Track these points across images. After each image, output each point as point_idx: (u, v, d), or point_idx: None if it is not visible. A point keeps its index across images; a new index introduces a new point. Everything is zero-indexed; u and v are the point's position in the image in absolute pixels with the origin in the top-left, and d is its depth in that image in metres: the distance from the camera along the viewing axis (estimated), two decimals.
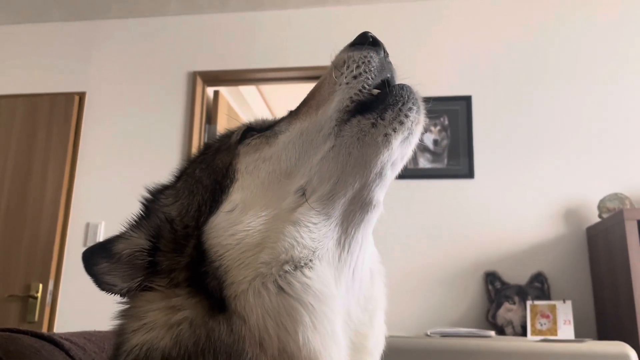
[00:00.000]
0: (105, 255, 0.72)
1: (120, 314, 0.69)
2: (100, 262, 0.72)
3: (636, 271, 2.62)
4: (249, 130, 0.78)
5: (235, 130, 0.81)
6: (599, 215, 3.05)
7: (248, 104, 4.93)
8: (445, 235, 3.29)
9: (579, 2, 3.59)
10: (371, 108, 0.66)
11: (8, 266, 3.59)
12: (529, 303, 2.81)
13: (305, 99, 0.76)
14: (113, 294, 0.71)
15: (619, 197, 3.01)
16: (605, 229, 2.95)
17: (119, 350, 0.65)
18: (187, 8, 3.91)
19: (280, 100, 5.41)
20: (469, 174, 3.38)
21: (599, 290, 3.04)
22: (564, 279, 3.15)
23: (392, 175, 0.68)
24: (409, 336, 2.63)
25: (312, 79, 3.81)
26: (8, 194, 3.74)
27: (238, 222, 0.66)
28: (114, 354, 0.66)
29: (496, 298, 3.13)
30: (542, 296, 3.06)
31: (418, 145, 0.70)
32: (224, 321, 0.60)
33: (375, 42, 0.72)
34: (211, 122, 3.89)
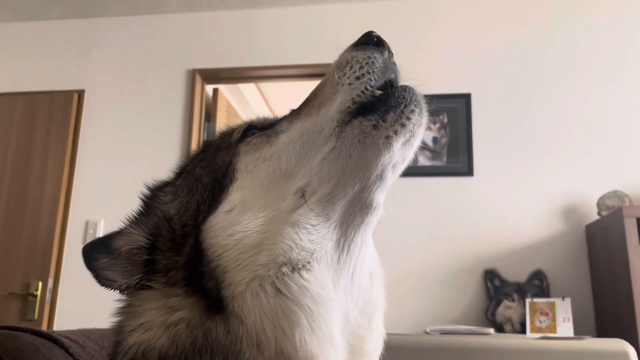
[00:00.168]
0: (105, 250, 0.72)
1: (119, 311, 0.69)
2: (100, 258, 0.72)
3: (635, 269, 2.62)
4: (250, 129, 0.77)
5: (236, 128, 0.80)
6: (598, 213, 3.05)
7: (247, 101, 4.93)
8: (445, 233, 3.29)
9: (579, 0, 3.59)
10: (373, 110, 0.65)
11: (8, 264, 3.59)
12: (528, 300, 2.82)
13: (308, 98, 0.75)
14: (112, 290, 0.71)
15: (618, 195, 3.02)
16: (604, 227, 2.95)
17: (117, 349, 0.65)
18: (186, 5, 3.90)
19: (280, 98, 5.40)
20: (469, 172, 3.38)
21: (598, 287, 3.04)
22: (563, 276, 3.15)
23: (393, 177, 0.68)
24: (408, 334, 2.63)
25: (312, 76, 3.81)
26: (7, 192, 3.74)
27: (236, 223, 0.65)
28: (113, 352, 0.66)
29: (495, 295, 3.13)
30: (542, 294, 3.06)
31: (419, 146, 0.70)
32: (221, 322, 0.60)
33: (379, 42, 0.71)
34: (210, 120, 3.89)
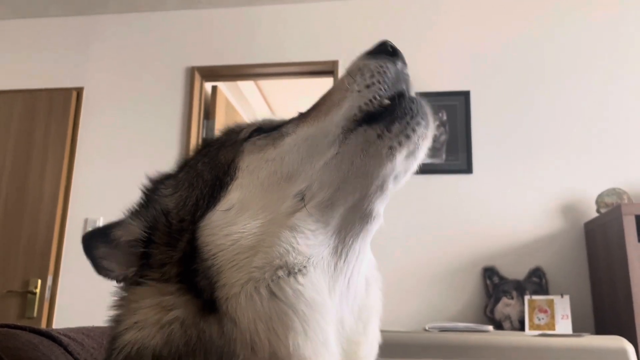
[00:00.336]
0: (104, 240, 0.73)
1: (115, 304, 0.69)
2: (99, 246, 0.73)
3: (634, 266, 2.62)
4: (258, 131, 0.76)
5: (244, 127, 0.79)
6: (597, 210, 3.05)
7: (246, 99, 4.92)
8: (444, 230, 3.29)
9: None
10: (379, 119, 0.65)
11: (7, 262, 3.59)
12: (527, 298, 2.82)
13: (316, 103, 0.75)
14: (110, 279, 0.72)
15: (616, 192, 3.02)
16: (603, 224, 2.95)
17: (113, 345, 0.65)
18: (185, 3, 3.89)
19: (279, 95, 5.39)
20: (468, 169, 3.38)
21: (597, 285, 3.05)
22: (561, 273, 3.15)
23: (395, 188, 0.67)
24: (407, 331, 2.64)
25: (311, 74, 3.81)
26: (6, 190, 3.74)
27: (233, 223, 0.65)
28: (109, 347, 0.66)
29: (494, 293, 3.14)
30: (540, 291, 3.06)
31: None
32: (214, 322, 0.60)
33: (394, 52, 0.70)
34: (209, 118, 3.89)
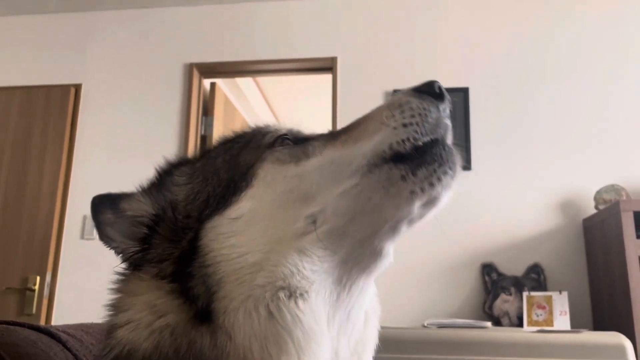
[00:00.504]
0: (112, 207, 0.72)
1: (114, 288, 0.69)
2: (105, 212, 0.72)
3: (632, 262, 2.63)
4: (283, 138, 0.74)
5: (271, 130, 0.76)
6: (596, 207, 3.05)
7: (245, 95, 4.91)
8: (442, 227, 3.28)
9: None
10: (406, 160, 0.63)
11: (5, 259, 3.58)
12: (525, 294, 2.82)
13: (349, 126, 0.72)
14: (110, 248, 0.71)
15: (615, 189, 3.02)
16: (601, 221, 2.96)
17: (108, 337, 0.65)
18: None
19: (277, 92, 5.39)
20: (466, 166, 3.38)
21: (595, 281, 3.05)
22: (560, 270, 3.16)
23: (407, 231, 0.66)
24: (406, 327, 2.64)
25: (310, 70, 3.81)
26: (5, 187, 3.73)
27: (241, 234, 0.64)
28: (106, 338, 0.66)
29: (493, 289, 3.14)
30: (539, 287, 3.07)
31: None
32: (207, 333, 0.59)
33: (441, 96, 0.67)
34: (208, 114, 3.88)
